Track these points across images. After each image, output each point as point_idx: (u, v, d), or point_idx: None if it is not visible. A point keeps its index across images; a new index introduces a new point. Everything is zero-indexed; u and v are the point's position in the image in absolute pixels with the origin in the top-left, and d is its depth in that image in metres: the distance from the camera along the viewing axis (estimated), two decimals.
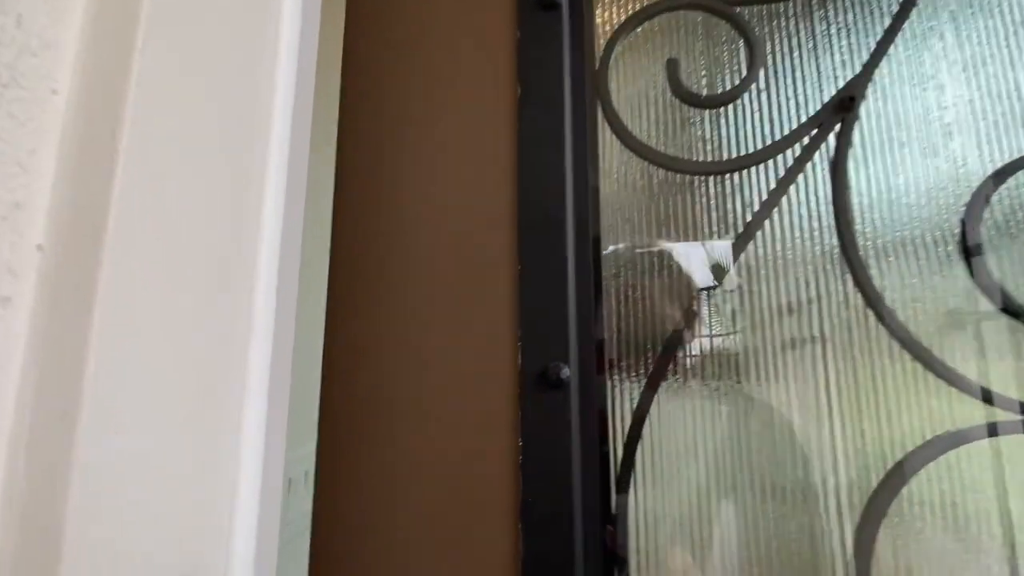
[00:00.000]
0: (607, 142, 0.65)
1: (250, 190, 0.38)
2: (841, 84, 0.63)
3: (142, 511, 0.34)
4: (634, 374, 0.62)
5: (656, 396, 0.60)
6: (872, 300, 0.58)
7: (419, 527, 0.55)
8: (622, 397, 0.61)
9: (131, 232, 0.33)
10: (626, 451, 0.59)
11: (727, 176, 0.63)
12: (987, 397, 0.56)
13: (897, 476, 0.56)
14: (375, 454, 0.58)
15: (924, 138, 0.61)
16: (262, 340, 0.43)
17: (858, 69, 0.63)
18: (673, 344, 0.61)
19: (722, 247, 0.64)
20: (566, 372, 0.56)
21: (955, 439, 0.55)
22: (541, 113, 0.62)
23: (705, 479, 0.59)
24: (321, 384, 0.60)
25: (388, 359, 0.59)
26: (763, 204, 0.62)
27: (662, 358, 0.61)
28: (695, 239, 0.63)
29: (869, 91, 0.62)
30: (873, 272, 0.59)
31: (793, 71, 0.64)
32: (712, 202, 0.63)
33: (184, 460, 0.36)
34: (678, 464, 0.60)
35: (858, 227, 0.60)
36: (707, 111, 0.65)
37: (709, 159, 0.64)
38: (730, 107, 0.64)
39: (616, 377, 0.61)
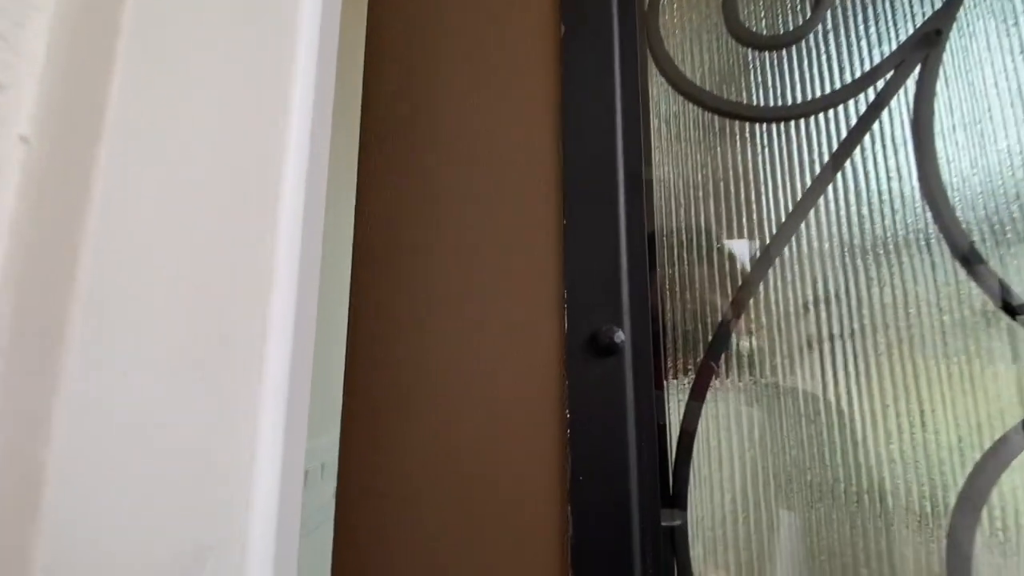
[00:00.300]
0: (658, 88, 0.59)
1: (278, 87, 0.32)
2: (919, 21, 0.56)
3: (143, 469, 0.28)
4: (690, 351, 0.55)
5: (712, 391, 0.54)
6: (963, 252, 0.51)
7: (454, 510, 0.49)
8: (677, 377, 0.55)
9: (135, 129, 0.28)
10: (679, 453, 0.53)
11: (792, 123, 0.57)
12: None
13: (998, 458, 0.49)
14: (404, 432, 0.52)
15: (1016, 76, 0.54)
16: (286, 277, 0.37)
17: (938, 4, 0.56)
18: (729, 326, 0.55)
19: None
20: (620, 336, 0.50)
21: None
22: (587, 55, 0.56)
23: (771, 480, 0.53)
24: (346, 359, 0.55)
25: (417, 327, 0.54)
26: (835, 153, 0.55)
27: (716, 340, 0.54)
28: (755, 193, 0.57)
29: (953, 26, 0.56)
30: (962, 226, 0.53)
31: (864, 7, 0.58)
32: (776, 153, 0.57)
33: (194, 410, 0.30)
34: (738, 466, 0.53)
35: (944, 176, 0.54)
36: (768, 53, 0.59)
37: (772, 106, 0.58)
38: (794, 48, 0.58)
39: (670, 349, 0.55)
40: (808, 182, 0.56)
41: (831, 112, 0.56)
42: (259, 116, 0.34)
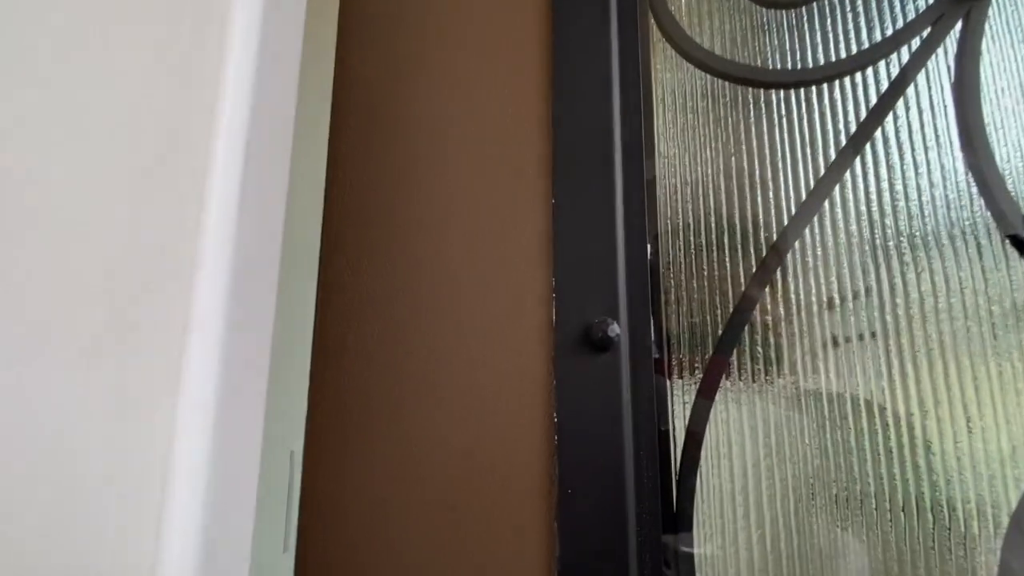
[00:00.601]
0: (661, 52, 0.53)
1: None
2: None
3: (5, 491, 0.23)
4: (697, 345, 0.49)
5: (722, 392, 0.48)
6: (1015, 232, 0.44)
7: (425, 524, 0.44)
8: (683, 376, 0.48)
9: None
10: (685, 461, 0.46)
11: (814, 89, 0.50)
12: None
13: None
14: (373, 439, 0.46)
15: None
16: (217, 259, 0.31)
17: None
18: (746, 311, 0.48)
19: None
20: (615, 329, 0.44)
21: None
22: (580, 13, 0.50)
23: (790, 494, 0.46)
24: (312, 357, 0.49)
25: (388, 318, 0.48)
26: (863, 122, 0.49)
27: (727, 333, 0.48)
28: (772, 168, 0.50)
29: None
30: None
31: None
32: (795, 123, 0.51)
33: (76, 414, 0.25)
34: (752, 477, 0.46)
35: (992, 146, 0.47)
36: (786, 11, 0.52)
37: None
38: (815, 5, 0.52)
39: (674, 343, 0.49)
40: (832, 155, 0.49)
41: (858, 76, 0.50)
42: (184, 60, 0.29)
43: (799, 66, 0.51)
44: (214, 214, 0.32)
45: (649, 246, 0.48)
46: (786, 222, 0.49)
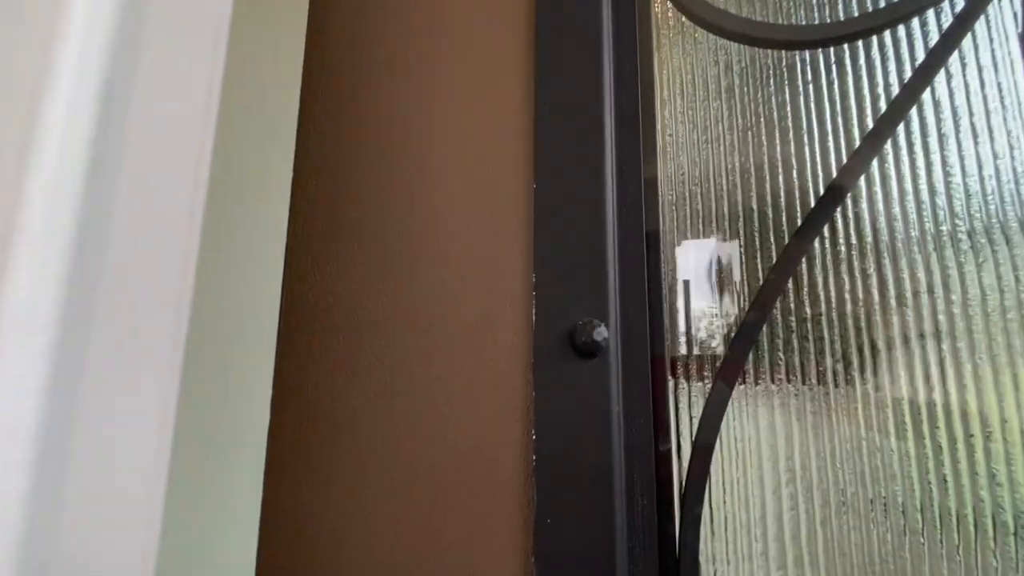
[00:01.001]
0: (660, 16, 0.46)
1: None
2: None
3: None
4: (705, 348, 0.42)
5: (735, 403, 0.40)
6: None
7: (384, 560, 0.38)
8: (688, 392, 0.42)
9: None
10: (689, 487, 0.40)
11: (846, 47, 0.43)
12: None
13: None
14: (333, 455, 0.41)
15: None
16: (47, 240, 0.26)
17: None
18: (765, 309, 0.41)
19: None
20: (603, 333, 0.38)
21: None
22: None
23: (818, 529, 0.39)
24: (275, 365, 0.44)
25: (354, 321, 0.43)
26: (908, 83, 0.41)
27: (741, 335, 0.40)
28: (797, 142, 0.43)
29: None
30: None
31: None
32: (824, 89, 0.43)
33: None
34: (772, 505, 0.39)
35: None
36: None
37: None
38: None
39: (677, 353, 0.42)
40: (869, 124, 0.41)
41: (901, 29, 0.42)
42: None
43: (828, 20, 0.43)
44: (46, 171, 0.26)
45: (646, 236, 0.41)
46: (813, 204, 0.42)
